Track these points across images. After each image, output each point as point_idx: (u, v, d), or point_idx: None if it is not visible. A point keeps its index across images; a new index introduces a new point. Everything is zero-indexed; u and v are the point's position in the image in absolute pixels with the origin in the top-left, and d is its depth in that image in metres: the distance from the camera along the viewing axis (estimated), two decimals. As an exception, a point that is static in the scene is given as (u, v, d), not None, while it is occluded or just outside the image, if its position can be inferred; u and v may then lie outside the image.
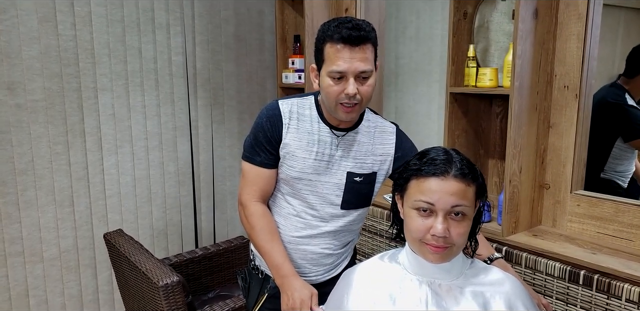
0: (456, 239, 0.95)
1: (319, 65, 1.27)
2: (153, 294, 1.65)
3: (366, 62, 1.21)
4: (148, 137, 2.49)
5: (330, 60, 1.22)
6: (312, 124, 1.34)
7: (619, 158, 1.99)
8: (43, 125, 2.19)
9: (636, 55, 1.91)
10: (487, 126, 1.94)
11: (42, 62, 2.14)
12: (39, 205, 2.22)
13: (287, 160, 1.33)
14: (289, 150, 1.32)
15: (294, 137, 1.32)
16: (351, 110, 1.25)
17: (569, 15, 1.59)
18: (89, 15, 2.24)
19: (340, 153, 1.35)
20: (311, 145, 1.33)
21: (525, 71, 1.56)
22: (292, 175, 1.34)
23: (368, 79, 1.24)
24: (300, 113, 1.34)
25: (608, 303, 1.37)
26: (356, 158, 1.36)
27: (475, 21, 1.82)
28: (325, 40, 1.23)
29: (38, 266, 2.25)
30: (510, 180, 1.61)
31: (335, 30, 1.20)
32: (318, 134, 1.33)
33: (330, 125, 1.34)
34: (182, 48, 2.54)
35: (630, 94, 1.95)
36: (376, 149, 1.39)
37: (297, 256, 1.41)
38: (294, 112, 1.33)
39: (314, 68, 1.30)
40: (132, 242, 1.91)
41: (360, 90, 1.23)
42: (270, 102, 1.37)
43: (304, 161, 1.32)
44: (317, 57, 1.28)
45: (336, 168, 1.35)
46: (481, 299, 0.99)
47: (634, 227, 1.50)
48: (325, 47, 1.23)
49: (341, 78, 1.22)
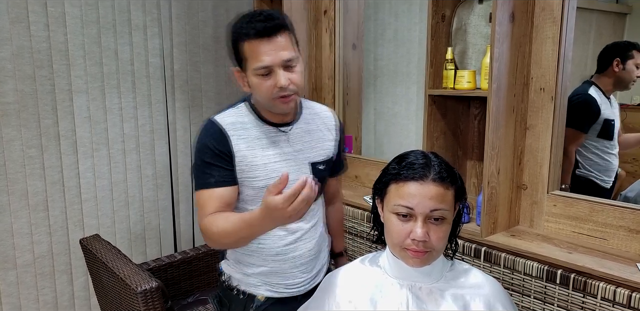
0: (436, 243, 0.96)
1: (241, 66, 1.23)
2: (131, 300, 1.62)
3: (289, 50, 1.18)
4: (125, 139, 2.45)
5: (253, 58, 1.17)
6: (256, 129, 1.28)
7: (586, 154, 2.05)
8: (15, 128, 2.13)
9: (604, 53, 2.07)
10: (465, 128, 1.96)
11: (15, 63, 2.09)
12: (11, 210, 2.17)
13: (248, 173, 1.26)
14: (246, 162, 1.26)
15: (246, 147, 1.26)
16: (289, 99, 1.22)
17: (544, 18, 1.62)
18: (62, 16, 2.19)
19: (296, 147, 1.32)
20: (265, 150, 1.28)
21: (502, 73, 1.58)
22: (259, 185, 1.27)
23: (295, 67, 1.20)
24: (241, 122, 1.28)
25: (584, 301, 1.39)
26: (313, 147, 1.35)
27: (453, 24, 1.84)
28: (240, 39, 1.18)
29: (11, 273, 2.20)
30: (489, 181, 1.62)
31: (249, 26, 1.16)
32: (266, 137, 1.29)
33: (274, 123, 1.30)
34: (159, 50, 2.50)
35: (600, 88, 2.06)
36: (325, 134, 1.39)
37: (288, 267, 1.35)
38: (234, 122, 1.27)
39: (237, 70, 1.26)
40: (109, 247, 1.88)
41: (292, 79, 1.19)
42: (205, 122, 1.29)
43: (265, 167, 1.27)
44: (237, 59, 1.23)
45: (299, 163, 1.32)
46: (461, 302, 1.00)
47: (608, 226, 1.53)
48: (243, 46, 1.18)
49: (269, 74, 1.18)
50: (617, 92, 2.13)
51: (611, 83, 2.06)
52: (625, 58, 2.03)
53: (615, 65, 2.03)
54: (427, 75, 1.80)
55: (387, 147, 2.73)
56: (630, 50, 2.03)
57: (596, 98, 2.05)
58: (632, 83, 2.07)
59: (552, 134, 1.64)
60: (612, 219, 1.52)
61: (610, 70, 2.05)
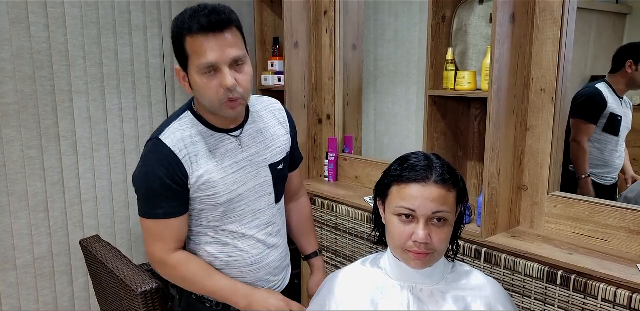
0: (438, 245, 0.96)
1: (183, 64, 1.10)
2: (132, 301, 1.62)
3: (237, 47, 1.06)
4: (125, 140, 2.45)
5: (196, 54, 1.05)
6: (206, 140, 1.18)
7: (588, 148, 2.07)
8: (15, 129, 2.13)
9: (619, 54, 2.10)
10: (465, 128, 1.96)
11: (14, 64, 2.09)
12: (11, 211, 2.17)
13: (206, 192, 1.18)
14: (203, 181, 1.17)
15: (199, 166, 1.16)
16: (237, 104, 1.11)
17: (544, 19, 1.62)
18: (62, 17, 2.19)
19: (250, 151, 1.24)
20: (220, 162, 1.19)
21: (502, 74, 1.58)
22: (220, 201, 1.20)
23: (244, 66, 1.09)
24: (189, 136, 1.17)
25: (585, 302, 1.39)
26: (268, 147, 1.28)
27: (453, 24, 1.84)
28: (182, 34, 1.06)
29: (11, 273, 2.20)
30: (489, 182, 1.62)
31: (192, 20, 1.04)
32: (219, 146, 1.20)
33: (223, 129, 1.21)
34: (159, 50, 2.50)
35: (611, 86, 2.09)
36: (277, 130, 1.32)
37: (263, 274, 1.33)
38: (182, 139, 1.16)
39: (179, 70, 1.13)
40: (109, 248, 1.88)
41: (239, 80, 1.08)
42: (151, 143, 1.17)
43: (224, 181, 1.19)
44: (179, 57, 1.10)
45: (257, 168, 1.25)
46: (462, 303, 0.99)
47: (609, 227, 1.53)
48: (186, 42, 1.06)
49: (214, 73, 1.07)
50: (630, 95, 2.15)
51: (624, 83, 2.09)
52: (638, 60, 2.05)
53: (629, 67, 2.05)
54: (428, 76, 1.80)
55: (388, 147, 2.73)
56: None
57: (603, 92, 2.07)
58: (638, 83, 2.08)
59: (552, 135, 1.64)
60: (613, 220, 1.52)
61: (623, 70, 2.07)
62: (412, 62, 2.60)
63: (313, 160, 2.61)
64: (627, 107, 2.12)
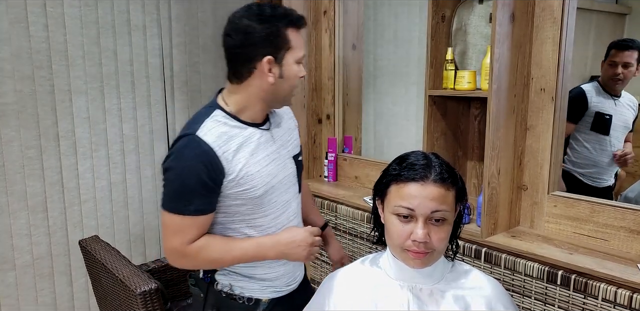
0: (437, 244, 0.95)
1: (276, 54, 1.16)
2: (131, 302, 1.61)
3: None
4: (124, 140, 2.45)
5: (299, 47, 1.19)
6: (241, 134, 1.20)
7: (577, 148, 2.05)
8: (14, 129, 2.13)
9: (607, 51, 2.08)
10: (465, 128, 1.96)
11: (13, 64, 2.09)
12: (10, 211, 2.16)
13: (244, 186, 1.19)
14: (242, 175, 1.18)
15: (239, 159, 1.18)
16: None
17: (544, 19, 1.62)
18: (62, 17, 2.18)
19: (277, 144, 1.28)
20: (255, 155, 1.21)
21: (502, 74, 1.58)
22: (257, 194, 1.21)
23: None
24: (224, 132, 1.18)
25: (585, 302, 1.39)
26: (288, 140, 1.33)
27: (453, 24, 1.84)
28: (285, 25, 1.17)
29: (10, 274, 2.19)
30: (489, 182, 1.62)
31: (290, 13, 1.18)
32: (253, 140, 1.22)
33: (253, 124, 1.23)
34: (158, 50, 2.50)
35: (603, 86, 2.09)
36: (290, 123, 1.38)
37: (291, 266, 1.35)
38: (219, 136, 1.17)
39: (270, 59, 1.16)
40: (108, 248, 1.87)
41: None
42: (187, 139, 1.17)
43: (260, 174, 1.21)
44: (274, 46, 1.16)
45: (284, 160, 1.29)
46: (462, 303, 0.99)
47: (609, 226, 1.53)
48: (287, 33, 1.17)
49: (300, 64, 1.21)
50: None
51: (604, 81, 2.07)
52: (606, 57, 2.04)
53: (602, 65, 2.05)
54: (427, 76, 1.80)
55: (387, 147, 2.73)
56: (611, 49, 2.03)
57: (587, 91, 2.06)
58: (614, 82, 2.05)
59: (552, 135, 1.64)
60: (613, 220, 1.52)
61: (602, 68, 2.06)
62: (412, 61, 2.60)
63: (313, 160, 2.60)
64: (625, 106, 2.10)
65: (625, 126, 2.10)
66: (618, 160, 2.07)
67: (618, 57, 2.01)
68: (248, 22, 1.15)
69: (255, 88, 1.20)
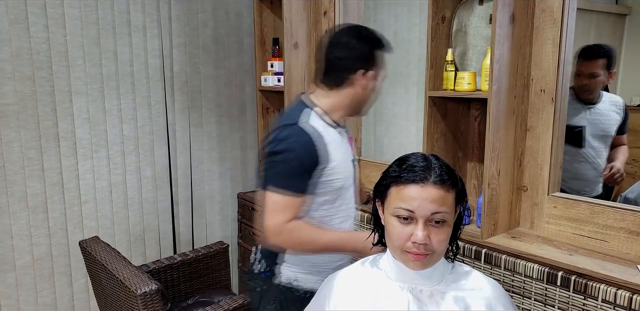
0: (437, 246, 0.95)
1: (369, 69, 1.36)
2: (131, 303, 1.61)
3: None
4: (124, 141, 2.45)
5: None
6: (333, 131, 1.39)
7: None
8: (15, 130, 2.13)
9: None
10: (465, 129, 1.96)
11: (14, 64, 2.09)
12: (10, 212, 2.16)
13: (331, 176, 1.34)
14: (331, 166, 1.33)
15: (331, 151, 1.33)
16: None
17: (544, 20, 1.62)
18: (62, 17, 2.19)
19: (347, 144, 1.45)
20: (338, 151, 1.36)
21: (502, 75, 1.58)
22: (336, 186, 1.37)
23: None
24: (322, 126, 1.35)
25: (585, 303, 1.39)
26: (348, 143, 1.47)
27: (453, 25, 1.84)
28: (380, 47, 1.38)
29: (10, 274, 2.19)
30: (489, 183, 1.62)
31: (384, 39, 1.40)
32: (338, 138, 1.39)
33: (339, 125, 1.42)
34: (159, 51, 2.50)
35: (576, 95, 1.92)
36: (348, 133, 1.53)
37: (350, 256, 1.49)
38: (318, 128, 1.34)
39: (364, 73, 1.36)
40: (108, 249, 1.87)
41: None
42: (290, 128, 1.33)
43: (342, 168, 1.37)
44: (370, 62, 1.36)
45: (352, 161, 1.45)
46: (462, 304, 0.99)
47: (609, 228, 1.53)
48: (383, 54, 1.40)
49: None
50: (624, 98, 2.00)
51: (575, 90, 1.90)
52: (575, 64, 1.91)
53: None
54: (427, 77, 1.80)
55: (387, 148, 2.73)
56: (579, 56, 1.86)
57: None
58: (583, 92, 1.89)
59: (552, 136, 1.64)
60: (613, 221, 1.52)
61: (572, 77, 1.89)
62: (412, 62, 2.60)
63: (313, 160, 2.60)
64: (604, 113, 1.93)
65: (603, 134, 1.94)
66: (608, 180, 1.98)
67: (584, 66, 1.87)
68: (352, 40, 1.35)
69: (346, 95, 1.39)
